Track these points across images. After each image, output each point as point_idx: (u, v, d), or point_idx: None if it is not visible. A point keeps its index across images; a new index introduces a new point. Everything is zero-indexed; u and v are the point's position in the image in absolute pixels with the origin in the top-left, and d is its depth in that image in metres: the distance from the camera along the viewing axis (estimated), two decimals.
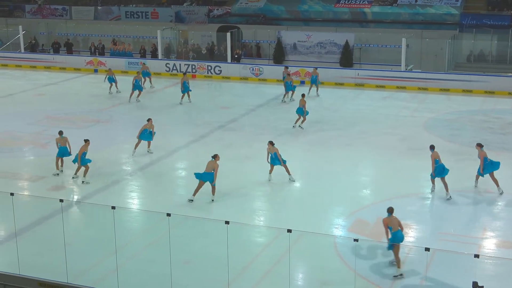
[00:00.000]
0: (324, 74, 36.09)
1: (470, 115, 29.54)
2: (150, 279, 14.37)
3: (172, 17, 44.54)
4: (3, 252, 16.09)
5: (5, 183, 20.43)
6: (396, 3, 40.44)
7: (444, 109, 30.62)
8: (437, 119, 28.69)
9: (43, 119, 28.56)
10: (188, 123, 28.28)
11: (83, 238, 16.58)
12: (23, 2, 49.40)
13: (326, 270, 15.16)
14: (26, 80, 38.67)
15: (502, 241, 16.75)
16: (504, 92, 33.47)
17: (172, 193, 20.55)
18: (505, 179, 20.18)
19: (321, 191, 20.24)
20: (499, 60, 38.06)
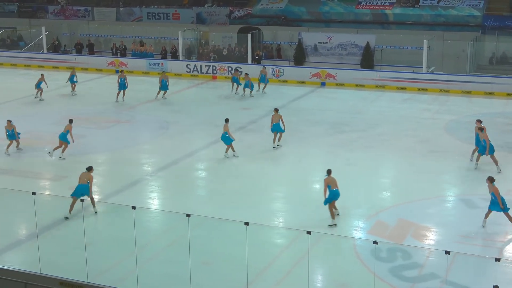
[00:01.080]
0: (345, 75, 36.08)
1: (492, 117, 29.26)
2: (170, 280, 14.42)
3: (193, 18, 44.65)
4: (24, 251, 16.23)
5: (27, 183, 20.62)
6: (418, 4, 40.21)
7: (465, 112, 30.40)
8: (458, 122, 28.49)
9: (65, 120, 28.79)
10: (208, 123, 28.31)
11: (103, 237, 16.67)
12: (46, 3, 49.81)
13: (345, 272, 15.11)
14: (48, 81, 38.89)
15: None
16: None
17: (191, 194, 20.60)
18: None
19: (341, 193, 20.10)
20: None
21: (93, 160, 24.00)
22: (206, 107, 32.30)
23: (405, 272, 15.05)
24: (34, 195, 15.10)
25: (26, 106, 32.32)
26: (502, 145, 24.82)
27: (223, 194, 19.97)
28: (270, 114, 30.04)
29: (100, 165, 23.69)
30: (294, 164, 23.14)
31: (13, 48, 46.89)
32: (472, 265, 14.74)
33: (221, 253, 15.62)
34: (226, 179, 21.52)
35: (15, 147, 24.44)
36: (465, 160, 23.09)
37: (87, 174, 17.95)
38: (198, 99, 33.87)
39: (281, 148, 24.75)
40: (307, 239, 13.06)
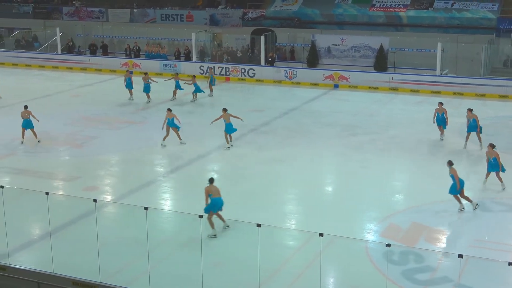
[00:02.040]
0: (358, 78, 36.03)
1: (506, 120, 29.15)
2: (181, 281, 14.42)
3: (207, 20, 44.76)
4: (38, 250, 16.32)
5: (41, 183, 20.72)
6: (432, 7, 40.09)
7: (479, 115, 30.05)
8: None
9: (79, 120, 28.90)
10: (220, 125, 28.31)
11: (116, 238, 16.71)
12: (60, 5, 50.09)
13: (357, 275, 15.06)
14: (62, 81, 39.16)
15: None
16: None
17: (204, 195, 20.60)
18: None
19: (353, 195, 20.13)
20: None
21: (106, 160, 24.14)
22: (219, 108, 32.25)
23: (417, 275, 14.99)
24: (48, 195, 15.17)
25: (40, 106, 32.47)
26: None
27: (235, 196, 19.94)
28: (284, 116, 30.21)
29: (112, 166, 23.84)
30: (306, 166, 23.10)
31: (28, 48, 47.18)
32: (485, 269, 14.65)
33: (232, 254, 15.63)
34: (238, 180, 21.54)
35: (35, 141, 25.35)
36: (479, 163, 22.99)
37: (215, 187, 17.36)
38: (211, 100, 33.88)
39: (293, 150, 24.71)
40: (319, 242, 13.03)
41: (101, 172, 22.91)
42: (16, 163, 23.40)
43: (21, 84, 38.63)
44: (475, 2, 39.39)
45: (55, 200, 17.17)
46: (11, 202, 16.18)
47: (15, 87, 37.23)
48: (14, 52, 46.05)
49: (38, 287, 14.34)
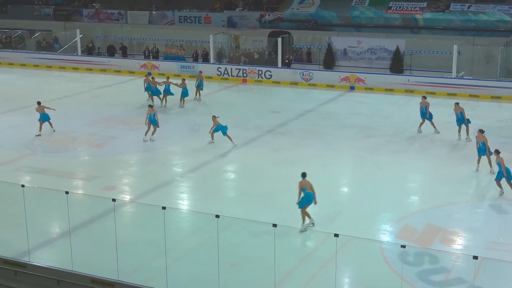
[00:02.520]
0: (374, 80, 35.92)
1: None
2: (198, 280, 14.48)
3: (225, 22, 44.84)
4: (57, 248, 16.44)
5: (61, 182, 20.85)
6: (448, 9, 39.89)
7: (494, 117, 30.08)
8: (488, 127, 27.99)
9: (98, 121, 29.06)
10: (238, 126, 28.37)
11: (134, 237, 16.80)
12: (81, 7, 50.41)
13: (372, 275, 15.04)
14: (82, 82, 39.39)
15: None
16: None
17: (221, 195, 20.68)
18: None
19: (369, 197, 20.10)
20: None
21: (125, 160, 24.28)
22: (236, 110, 32.39)
23: (432, 276, 14.95)
24: (67, 194, 15.31)
25: (61, 107, 32.69)
26: None
27: (252, 196, 20.02)
28: (300, 117, 30.20)
29: (131, 166, 23.96)
30: (322, 167, 23.07)
31: (48, 50, 47.48)
32: (500, 271, 14.58)
33: (249, 254, 15.66)
34: (254, 181, 21.57)
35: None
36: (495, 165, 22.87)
37: (308, 182, 17.71)
38: (228, 102, 33.95)
39: (309, 151, 24.71)
40: (335, 242, 13.04)
41: (119, 171, 23.05)
42: (36, 163, 23.59)
43: (42, 85, 38.90)
44: (491, 5, 39.18)
45: (74, 199, 17.30)
46: (31, 201, 16.33)
47: (36, 88, 37.51)
48: (35, 54, 46.35)
49: (57, 284, 14.46)
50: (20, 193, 15.74)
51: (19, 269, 15.06)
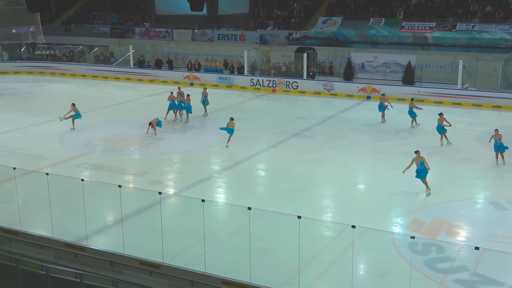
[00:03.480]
0: (388, 90, 35.61)
1: None
2: (232, 264, 14.53)
3: (257, 39, 44.90)
4: (111, 234, 16.63)
5: (115, 177, 21.10)
6: (454, 29, 39.46)
7: (495, 124, 29.53)
8: (489, 133, 27.59)
9: (147, 124, 29.30)
10: (268, 130, 28.44)
11: (177, 225, 16.92)
12: (133, 26, 50.85)
13: (385, 263, 14.97)
14: (133, 91, 39.77)
15: None
16: None
17: (252, 190, 20.72)
18: None
19: (383, 193, 19.98)
20: None
21: (170, 159, 24.46)
22: (267, 116, 32.44)
23: (438, 264, 14.83)
24: (120, 187, 15.48)
25: (115, 113, 33.13)
26: None
27: (280, 191, 20.02)
28: (322, 123, 30.13)
29: (175, 164, 24.14)
30: (342, 166, 23.01)
31: (105, 63, 47.99)
32: (499, 261, 14.39)
33: (276, 242, 15.66)
34: (282, 178, 21.56)
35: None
36: (494, 166, 22.57)
37: (422, 157, 19.80)
38: (260, 109, 34.01)
39: (331, 152, 24.64)
40: (352, 233, 12.99)
41: (165, 168, 23.23)
42: (94, 160, 23.89)
43: (99, 93, 39.39)
44: (493, 24, 38.75)
45: (126, 192, 17.48)
46: (89, 193, 16.54)
47: (94, 96, 38.03)
48: (94, 66, 46.94)
49: (111, 266, 14.62)
50: (80, 186, 15.96)
51: (78, 251, 15.28)
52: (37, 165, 22.30)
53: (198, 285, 13.53)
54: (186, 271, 13.93)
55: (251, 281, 13.31)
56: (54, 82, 43.68)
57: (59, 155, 24.21)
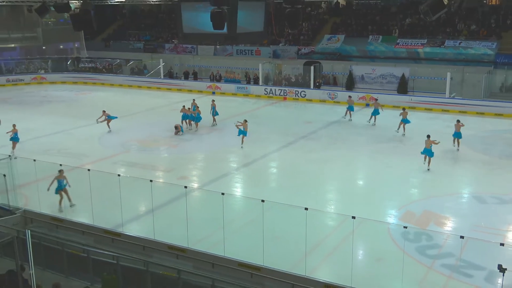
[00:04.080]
0: (385, 98, 35.53)
1: (500, 133, 28.25)
2: (248, 249, 14.52)
3: (271, 54, 44.89)
4: (143, 222, 16.72)
5: (147, 173, 21.20)
6: (443, 45, 39.21)
7: (479, 128, 29.44)
8: (474, 136, 27.59)
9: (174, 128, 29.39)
10: (279, 133, 28.43)
11: (200, 215, 16.95)
12: (163, 42, 51.07)
13: (381, 249, 14.90)
14: (163, 99, 39.95)
15: None
16: None
17: (265, 185, 20.72)
18: None
19: (379, 188, 19.90)
20: None
21: (194, 157, 24.53)
22: (278, 120, 32.42)
23: (428, 251, 14.75)
24: (151, 182, 15.57)
25: (147, 117, 33.28)
26: (508, 155, 24.05)
27: (289, 186, 20.00)
28: (327, 127, 30.04)
29: (199, 162, 24.20)
30: (344, 165, 22.94)
31: (139, 74, 48.31)
32: (481, 248, 14.26)
33: (286, 230, 15.64)
34: (291, 175, 21.55)
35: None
36: (480, 166, 22.39)
37: (430, 141, 21.28)
38: (272, 115, 33.96)
39: (334, 153, 24.57)
40: (352, 223, 12.96)
41: (190, 166, 23.31)
42: (129, 158, 24.02)
43: (134, 100, 39.62)
44: (477, 41, 38.46)
45: (156, 186, 17.56)
46: (125, 186, 16.61)
47: (129, 103, 38.25)
48: (129, 77, 47.23)
49: (143, 250, 14.70)
50: (116, 181, 16.10)
51: (115, 237, 15.38)
52: (80, 162, 22.47)
53: (218, 267, 13.59)
54: (208, 254, 14.00)
55: (264, 264, 13.34)
56: (95, 91, 44.02)
57: (99, 154, 24.38)
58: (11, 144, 24.04)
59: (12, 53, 52.27)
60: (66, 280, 12.83)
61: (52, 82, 47.57)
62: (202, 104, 32.41)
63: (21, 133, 25.00)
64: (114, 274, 12.36)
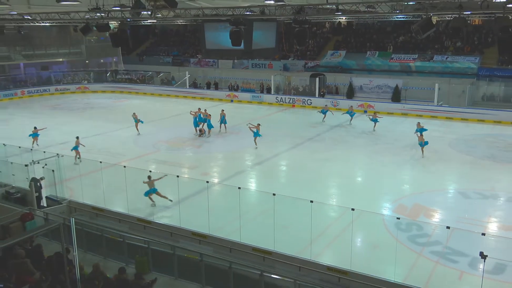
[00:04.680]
0: (380, 106, 35.40)
1: (482, 137, 27.89)
2: (261, 236, 14.50)
3: (281, 67, 44.83)
4: (171, 212, 16.67)
5: (174, 170, 21.22)
6: (432, 59, 38.87)
7: (463, 133, 29.13)
8: (459, 139, 27.30)
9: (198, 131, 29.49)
10: (288, 136, 28.37)
11: (220, 205, 16.97)
12: (189, 57, 51.24)
13: (377, 237, 14.79)
14: (189, 106, 39.90)
15: (502, 225, 15.77)
16: (508, 122, 31.37)
17: (276, 181, 20.69)
18: (511, 182, 18.98)
19: (375, 184, 19.77)
20: (505, 100, 35.66)
21: (215, 156, 24.56)
22: (288, 125, 32.35)
23: (418, 239, 14.60)
24: (178, 177, 15.62)
25: (174, 121, 33.39)
26: (489, 156, 23.74)
27: (297, 182, 19.95)
28: (330, 130, 29.91)
29: (219, 160, 24.22)
30: (344, 163, 22.82)
31: (168, 85, 48.49)
32: (465, 237, 14.10)
33: (294, 220, 15.60)
34: (299, 172, 21.49)
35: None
36: (464, 165, 22.13)
37: (422, 136, 22.87)
38: (283, 120, 33.88)
39: (336, 152, 24.44)
40: (351, 214, 12.89)
41: (211, 163, 23.34)
42: (159, 157, 24.13)
43: (163, 107, 39.80)
44: (462, 56, 38.14)
45: (182, 180, 17.61)
46: (156, 181, 16.68)
47: (159, 109, 38.44)
48: (160, 87, 47.44)
49: (170, 235, 14.74)
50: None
51: (146, 224, 15.45)
52: (117, 160, 22.61)
53: (235, 251, 13.59)
54: (226, 240, 14.01)
55: (275, 249, 13.32)
56: (130, 99, 44.30)
57: (133, 153, 24.52)
58: (57, 145, 24.23)
59: (60, 66, 52.82)
60: (105, 261, 12.89)
61: (93, 91, 47.97)
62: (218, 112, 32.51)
63: (67, 134, 25.25)
64: (145, 256, 12.41)
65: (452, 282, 12.50)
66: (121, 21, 20.78)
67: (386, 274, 12.23)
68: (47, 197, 17.05)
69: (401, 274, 12.41)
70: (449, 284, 12.40)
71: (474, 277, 12.29)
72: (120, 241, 13.45)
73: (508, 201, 17.92)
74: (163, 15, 19.95)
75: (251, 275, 11.58)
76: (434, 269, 13.07)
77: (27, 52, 49.69)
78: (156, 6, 13.33)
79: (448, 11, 15.75)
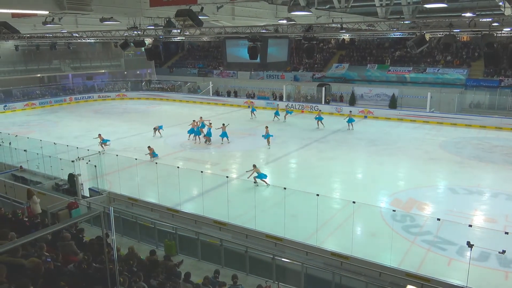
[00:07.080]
0: (379, 112, 35.05)
1: (469, 140, 27.40)
2: (273, 224, 14.45)
3: (292, 78, 44.70)
4: (195, 202, 16.78)
5: (198, 166, 21.32)
6: (425, 71, 38.43)
7: (452, 136, 28.65)
8: (448, 141, 26.86)
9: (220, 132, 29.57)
10: (297, 137, 28.23)
11: (237, 197, 16.96)
12: (212, 69, 51.42)
13: (375, 227, 14.62)
14: (212, 111, 40.12)
15: (486, 217, 15.44)
16: (492, 127, 30.77)
17: (287, 176, 20.59)
18: (494, 180, 18.57)
19: (373, 180, 19.55)
20: (490, 107, 35.09)
21: (234, 155, 24.54)
22: (297, 128, 32.17)
23: (411, 229, 14.41)
24: (202, 173, 15.66)
25: None
26: (475, 156, 23.31)
27: (305, 178, 19.84)
28: (334, 133, 29.67)
29: (237, 158, 24.20)
30: (346, 162, 22.63)
31: (194, 93, 48.59)
32: (454, 228, 13.87)
33: (302, 211, 15.52)
34: (307, 169, 21.37)
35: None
36: (453, 164, 21.75)
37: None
38: (293, 123, 33.73)
39: (340, 153, 24.25)
40: (352, 206, 12.77)
41: (231, 161, 23.34)
42: (185, 155, 24.21)
43: (189, 112, 39.85)
44: (452, 69, 37.65)
45: (205, 175, 17.69)
46: (182, 175, 16.76)
47: (187, 114, 38.56)
48: (187, 95, 47.55)
49: (195, 223, 14.74)
50: (176, 171, 16.26)
51: (174, 213, 15.51)
52: (150, 157, 22.77)
53: (251, 238, 13.56)
54: (243, 227, 14.00)
55: (285, 236, 13.26)
56: (162, 105, 44.56)
57: (164, 151, 24.64)
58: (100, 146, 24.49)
59: (102, 77, 53.52)
60: (138, 244, 12.99)
61: (130, 98, 48.42)
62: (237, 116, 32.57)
63: (108, 135, 25.46)
64: (173, 240, 12.47)
65: (442, 267, 12.29)
66: (154, 38, 20.97)
67: (383, 259, 12.09)
68: (90, 188, 17.24)
69: (396, 259, 12.26)
70: (439, 269, 12.19)
71: (461, 263, 12.07)
72: (151, 227, 13.54)
73: (492, 196, 17.58)
74: (190, 33, 20.04)
75: (264, 258, 11.56)
76: (426, 256, 12.87)
77: (75, 64, 50.54)
78: (184, 25, 13.49)
79: (440, 29, 15.54)
